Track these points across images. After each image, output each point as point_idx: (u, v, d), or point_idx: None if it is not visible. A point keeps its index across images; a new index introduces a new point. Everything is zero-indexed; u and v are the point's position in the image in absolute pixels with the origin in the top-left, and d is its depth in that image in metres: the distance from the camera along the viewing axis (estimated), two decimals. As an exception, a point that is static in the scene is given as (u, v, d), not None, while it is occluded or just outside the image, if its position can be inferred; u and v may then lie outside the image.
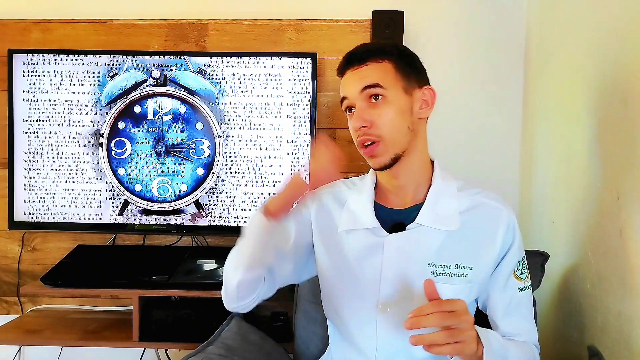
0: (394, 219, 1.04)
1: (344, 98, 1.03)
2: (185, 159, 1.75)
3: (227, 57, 1.74)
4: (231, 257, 1.05)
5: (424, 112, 1.03)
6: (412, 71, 1.02)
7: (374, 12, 1.74)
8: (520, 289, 1.04)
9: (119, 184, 1.76)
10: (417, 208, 1.04)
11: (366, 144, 0.99)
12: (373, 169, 1.04)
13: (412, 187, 1.05)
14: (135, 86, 1.75)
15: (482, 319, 1.05)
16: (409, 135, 1.00)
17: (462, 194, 1.05)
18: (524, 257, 1.06)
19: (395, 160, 0.99)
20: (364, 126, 0.98)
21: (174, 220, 1.76)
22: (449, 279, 0.99)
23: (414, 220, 1.02)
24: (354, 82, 1.00)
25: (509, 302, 1.04)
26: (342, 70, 1.04)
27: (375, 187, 1.10)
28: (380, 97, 0.98)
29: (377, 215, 1.05)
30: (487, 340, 0.90)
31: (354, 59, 1.02)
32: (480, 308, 1.08)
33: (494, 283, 1.04)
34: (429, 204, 1.03)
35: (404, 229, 1.02)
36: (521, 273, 1.05)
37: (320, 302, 1.15)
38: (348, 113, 1.04)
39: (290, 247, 1.09)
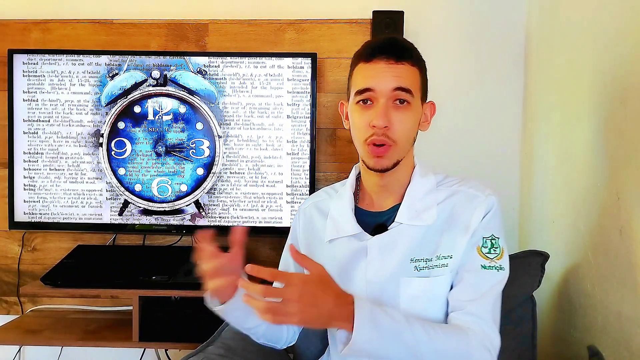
0: (377, 221, 1.05)
1: (367, 89, 0.97)
2: (185, 159, 1.75)
3: (227, 57, 1.74)
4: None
5: (423, 126, 1.05)
6: (426, 83, 1.03)
7: (374, 12, 1.74)
8: (484, 267, 0.97)
9: (119, 184, 1.76)
10: (397, 208, 1.04)
11: (378, 144, 0.97)
12: (370, 169, 1.01)
13: (395, 188, 1.05)
14: (135, 86, 1.75)
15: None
16: (411, 144, 1.03)
17: (441, 187, 1.05)
18: (495, 237, 0.99)
19: (395, 165, 1.00)
20: (386, 126, 0.96)
21: (174, 220, 1.76)
22: (430, 271, 0.99)
23: (395, 220, 1.03)
24: (389, 77, 0.96)
25: (463, 271, 0.97)
26: (372, 56, 0.97)
27: (358, 190, 1.10)
28: (405, 102, 0.97)
29: (361, 220, 1.05)
30: (363, 311, 0.85)
31: (392, 51, 0.96)
32: None
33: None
34: (406, 201, 1.03)
35: (386, 230, 1.03)
36: (488, 252, 0.98)
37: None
38: (362, 104, 0.98)
39: None
